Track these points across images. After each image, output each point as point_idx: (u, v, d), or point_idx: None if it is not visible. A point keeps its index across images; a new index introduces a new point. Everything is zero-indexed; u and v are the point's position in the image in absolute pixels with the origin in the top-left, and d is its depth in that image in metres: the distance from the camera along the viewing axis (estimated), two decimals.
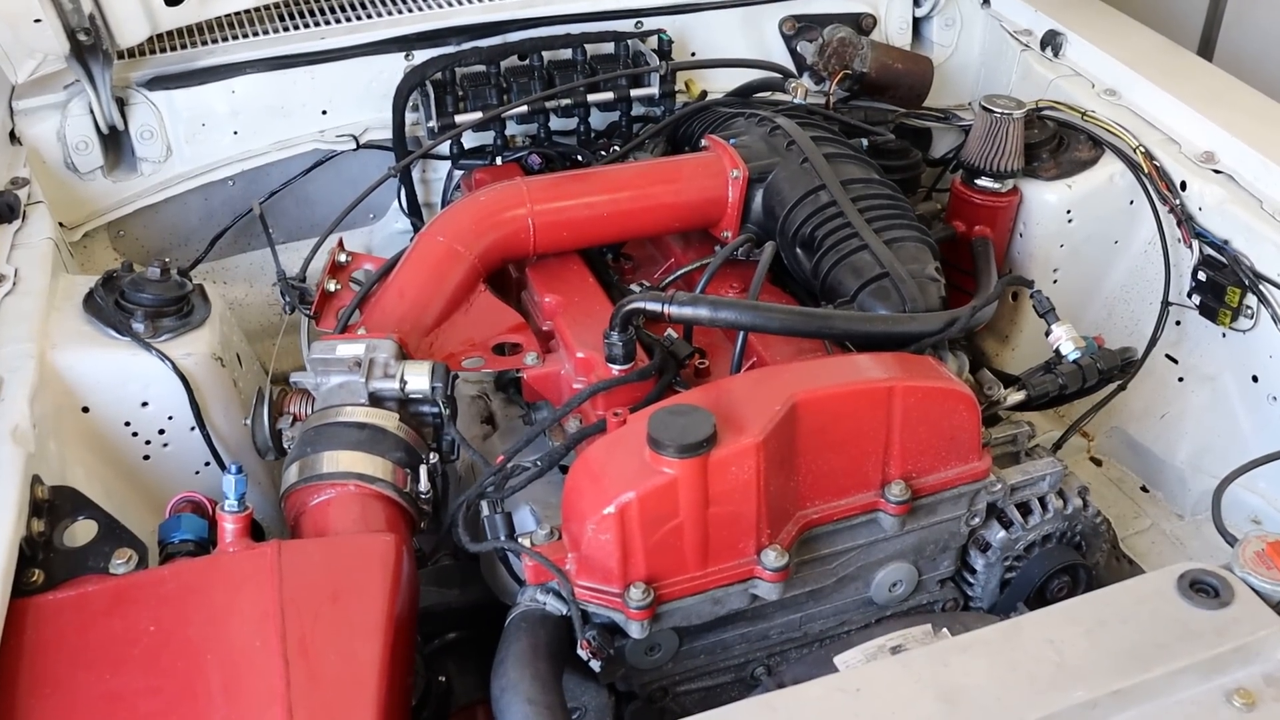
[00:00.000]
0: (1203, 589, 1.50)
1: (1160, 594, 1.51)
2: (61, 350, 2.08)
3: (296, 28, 2.78)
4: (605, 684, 1.82)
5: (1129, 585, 1.57)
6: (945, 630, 1.79)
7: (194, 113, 2.65)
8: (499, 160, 2.72)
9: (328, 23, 2.80)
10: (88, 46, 2.46)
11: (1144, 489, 2.73)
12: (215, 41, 2.73)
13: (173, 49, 2.70)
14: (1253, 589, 1.50)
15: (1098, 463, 2.80)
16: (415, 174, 2.82)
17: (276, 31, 2.77)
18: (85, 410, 2.10)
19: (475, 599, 2.02)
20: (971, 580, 2.04)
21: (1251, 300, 2.41)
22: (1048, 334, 2.22)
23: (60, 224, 2.51)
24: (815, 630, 1.96)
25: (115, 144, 2.67)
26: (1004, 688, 1.41)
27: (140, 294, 2.16)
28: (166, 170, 2.68)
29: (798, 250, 2.24)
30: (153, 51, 2.67)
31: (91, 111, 2.56)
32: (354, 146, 2.75)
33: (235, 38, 2.74)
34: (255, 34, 2.75)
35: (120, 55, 2.59)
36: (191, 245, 2.76)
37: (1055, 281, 2.69)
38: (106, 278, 2.21)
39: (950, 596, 2.05)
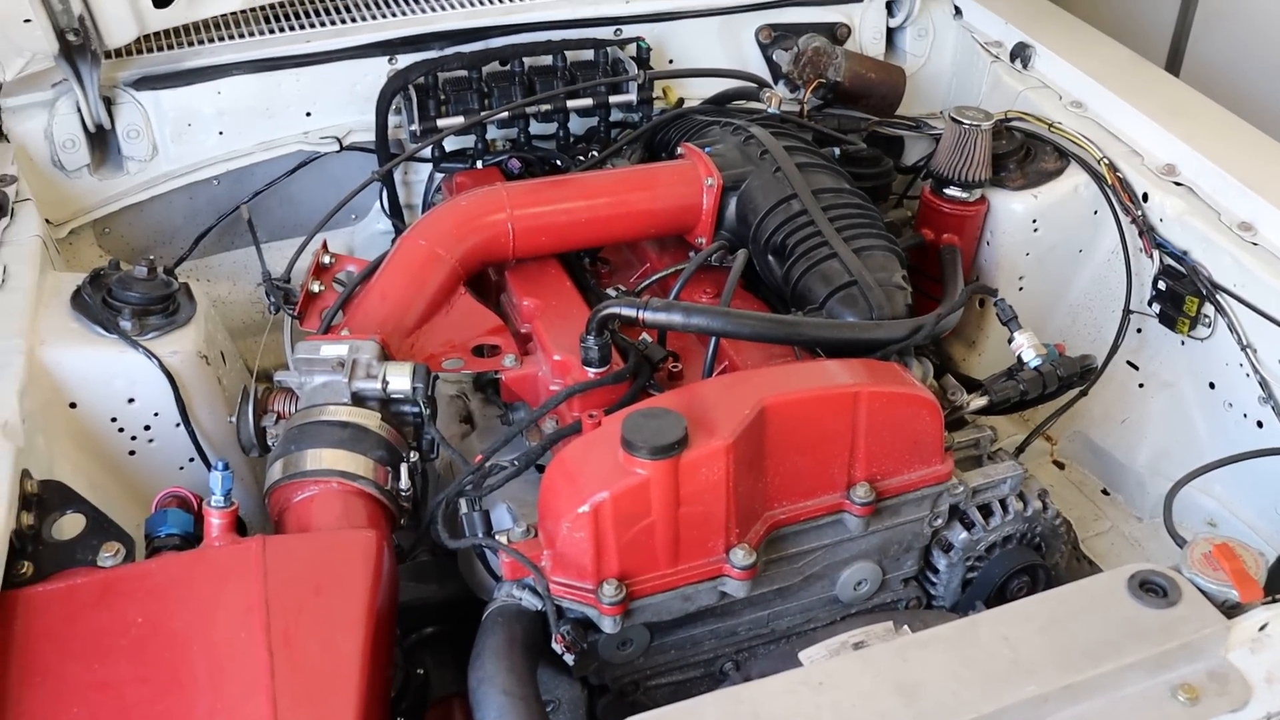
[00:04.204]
0: (1152, 589, 1.55)
1: (1111, 593, 1.56)
2: (50, 347, 2.11)
3: (282, 30, 2.82)
4: (578, 677, 1.87)
5: (1082, 585, 1.62)
6: (906, 627, 1.85)
7: (180, 113, 2.69)
8: (479, 164, 2.76)
9: (313, 26, 2.84)
10: (76, 46, 2.48)
11: (1105, 492, 2.80)
12: (202, 43, 2.76)
13: (160, 50, 2.74)
14: (1199, 589, 1.55)
15: (1060, 466, 2.87)
16: (397, 176, 2.86)
17: (263, 34, 2.81)
18: (73, 406, 2.14)
19: (453, 594, 2.05)
20: (934, 579, 2.10)
21: (1209, 309, 2.47)
22: (1010, 341, 2.28)
23: (47, 221, 2.54)
24: (782, 627, 2.01)
25: (102, 142, 2.70)
26: (960, 682, 1.46)
27: (127, 292, 2.19)
28: (152, 169, 2.72)
29: (769, 257, 2.30)
30: (140, 52, 2.70)
31: (79, 110, 2.59)
32: (337, 148, 2.79)
33: (222, 39, 2.78)
34: (242, 36, 2.79)
35: (108, 55, 2.62)
36: (176, 243, 2.80)
37: (1021, 289, 2.75)
38: (94, 275, 2.24)
39: (914, 595, 2.11)
